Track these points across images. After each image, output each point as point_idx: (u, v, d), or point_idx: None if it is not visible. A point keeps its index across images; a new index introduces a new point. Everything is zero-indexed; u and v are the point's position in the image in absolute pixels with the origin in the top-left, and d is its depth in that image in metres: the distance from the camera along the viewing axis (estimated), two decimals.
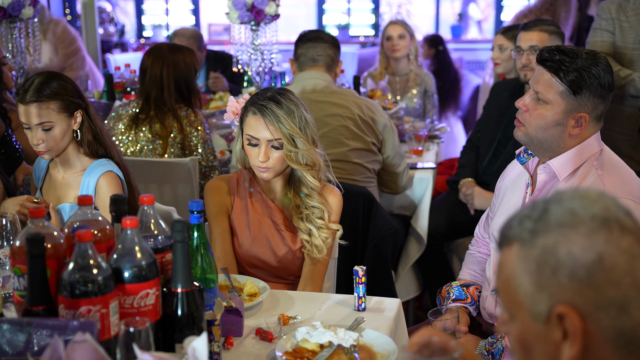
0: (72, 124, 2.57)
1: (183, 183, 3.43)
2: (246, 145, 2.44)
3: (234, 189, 2.56)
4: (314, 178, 2.46)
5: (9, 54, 4.41)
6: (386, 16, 8.44)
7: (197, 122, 3.58)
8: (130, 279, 1.69)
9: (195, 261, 1.94)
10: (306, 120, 2.43)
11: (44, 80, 2.52)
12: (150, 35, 9.15)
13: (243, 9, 4.05)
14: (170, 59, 3.56)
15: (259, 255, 2.52)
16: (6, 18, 4.36)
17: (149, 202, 1.85)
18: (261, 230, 2.52)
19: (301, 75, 3.55)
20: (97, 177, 2.58)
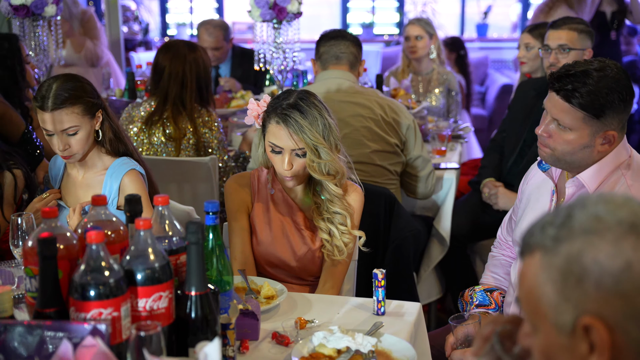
0: (95, 124, 2.53)
1: (203, 182, 3.40)
2: (269, 152, 2.41)
3: (255, 186, 2.53)
4: (336, 186, 2.42)
5: (31, 52, 4.42)
6: (410, 14, 8.37)
7: (211, 122, 3.54)
8: (143, 282, 1.66)
9: (211, 263, 1.90)
10: (329, 126, 2.38)
11: (62, 84, 2.47)
12: (174, 33, 9.16)
13: (265, 7, 4.01)
14: (191, 57, 3.52)
15: (279, 254, 2.48)
16: (29, 16, 4.36)
17: (163, 203, 1.82)
18: (282, 229, 2.49)
19: (324, 74, 3.50)
20: (120, 176, 2.55)
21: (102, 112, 2.54)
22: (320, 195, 2.46)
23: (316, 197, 2.48)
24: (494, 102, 7.41)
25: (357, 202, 2.49)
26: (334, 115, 2.43)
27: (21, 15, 4.34)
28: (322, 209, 2.46)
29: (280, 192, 2.52)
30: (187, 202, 3.30)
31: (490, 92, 7.67)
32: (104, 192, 2.54)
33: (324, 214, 2.45)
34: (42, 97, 2.46)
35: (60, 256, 1.67)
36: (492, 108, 7.45)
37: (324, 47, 3.53)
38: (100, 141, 2.57)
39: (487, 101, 7.67)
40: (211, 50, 5.24)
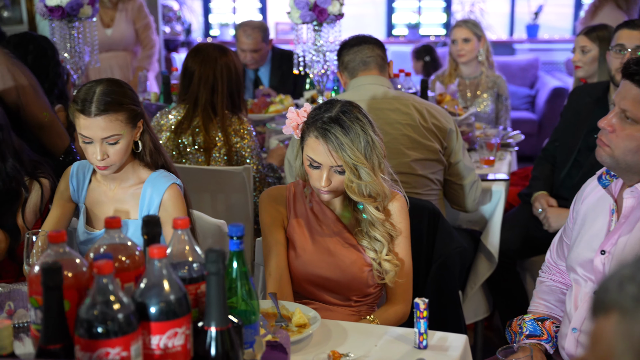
0: (135, 134, 2.33)
1: (237, 193, 3.24)
2: (306, 165, 2.24)
3: (291, 200, 2.36)
4: (377, 210, 2.24)
5: (67, 54, 4.32)
6: (458, 15, 8.13)
7: (243, 130, 3.38)
8: (157, 316, 1.49)
9: (234, 291, 1.73)
10: (373, 142, 2.20)
11: (106, 89, 2.26)
12: (217, 34, 9.06)
13: (305, 8, 3.84)
14: (222, 61, 3.37)
15: (320, 271, 2.31)
16: (64, 17, 4.27)
17: (183, 226, 1.65)
18: (324, 244, 2.32)
19: (355, 81, 3.31)
20: (162, 191, 2.34)
21: (143, 122, 2.35)
22: (362, 213, 2.28)
23: (357, 213, 2.31)
24: (544, 106, 7.14)
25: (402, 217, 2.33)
26: (379, 130, 2.25)
27: (56, 17, 4.25)
28: (363, 228, 2.29)
29: (319, 204, 2.35)
30: (220, 214, 3.15)
31: (540, 95, 7.39)
32: (142, 208, 2.36)
33: (364, 236, 2.29)
34: (83, 100, 2.25)
35: (68, 285, 1.53)
36: (542, 112, 7.17)
37: (348, 56, 3.34)
38: (138, 153, 2.38)
39: (537, 105, 7.39)
40: (250, 52, 5.10)
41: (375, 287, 2.34)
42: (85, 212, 2.45)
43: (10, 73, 2.94)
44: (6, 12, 7.70)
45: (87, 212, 2.45)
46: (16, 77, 2.95)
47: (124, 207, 2.40)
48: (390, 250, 2.29)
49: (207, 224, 2.69)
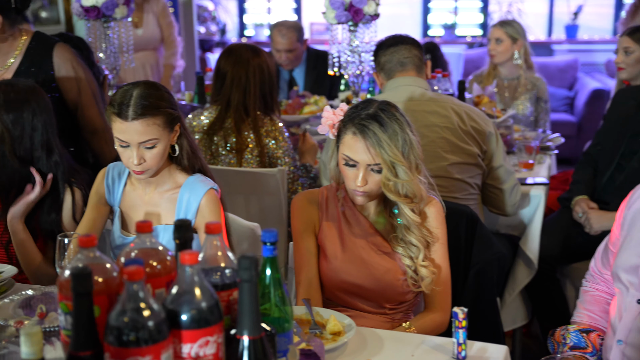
0: (172, 138, 2.29)
1: (270, 195, 3.20)
2: (342, 165, 2.18)
3: (323, 205, 2.31)
4: (413, 212, 2.18)
5: (102, 54, 4.32)
6: (495, 15, 8.02)
7: (275, 131, 3.33)
8: (188, 324, 1.45)
9: (267, 298, 1.68)
10: (411, 143, 2.15)
11: (143, 92, 2.22)
12: (252, 34, 9.06)
13: (340, 8, 3.78)
14: (254, 62, 3.33)
15: (353, 278, 2.25)
16: (100, 18, 4.27)
17: (215, 231, 1.61)
18: (356, 251, 2.26)
19: (392, 83, 3.24)
20: (200, 196, 2.29)
21: (180, 125, 2.30)
22: (397, 218, 2.22)
23: (392, 219, 2.25)
24: (583, 108, 7.01)
25: (439, 222, 2.28)
26: (416, 132, 2.19)
27: (92, 17, 4.25)
28: (398, 234, 2.23)
29: (351, 209, 2.29)
30: (253, 216, 3.12)
31: (579, 97, 7.25)
32: (179, 213, 2.32)
33: (399, 241, 2.23)
34: (120, 104, 2.20)
35: (98, 291, 1.49)
36: (582, 114, 7.04)
37: (384, 56, 3.28)
38: (175, 157, 2.34)
39: (576, 107, 7.26)
40: (284, 52, 5.06)
41: (410, 295, 2.28)
42: (120, 216, 2.42)
43: (75, 71, 2.94)
44: (44, 13, 7.77)
45: (122, 215, 2.42)
46: (79, 75, 2.95)
47: (159, 211, 2.36)
48: (427, 257, 2.23)
49: (241, 227, 2.65)
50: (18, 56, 2.92)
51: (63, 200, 2.58)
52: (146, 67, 5.74)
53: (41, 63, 2.92)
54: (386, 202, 2.27)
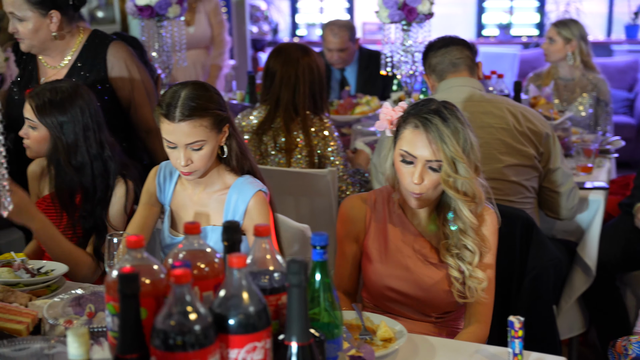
0: (220, 140, 2.26)
1: (321, 196, 3.15)
2: (398, 162, 2.12)
3: (371, 211, 2.26)
4: (472, 213, 2.11)
5: (155, 53, 4.34)
6: (552, 15, 7.84)
7: (326, 130, 3.29)
8: (235, 329, 1.42)
9: (317, 302, 1.63)
10: (472, 143, 2.09)
11: (191, 93, 2.20)
12: (304, 34, 9.04)
13: (394, 7, 3.72)
14: (304, 61, 3.29)
15: (397, 286, 2.20)
16: (153, 17, 4.29)
17: (264, 233, 1.57)
18: (400, 259, 2.21)
19: (445, 84, 3.17)
20: (248, 198, 2.27)
21: (229, 126, 2.28)
22: (450, 224, 2.15)
23: (445, 227, 2.18)
24: None
25: (492, 231, 2.19)
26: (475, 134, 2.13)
27: (145, 16, 4.27)
28: (451, 242, 2.16)
29: (400, 216, 2.23)
30: (303, 217, 3.08)
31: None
32: (227, 214, 2.30)
33: (452, 249, 2.15)
34: (168, 105, 2.19)
35: (145, 293, 1.47)
36: None
37: (435, 58, 3.21)
38: (224, 158, 2.31)
39: (636, 109, 7.05)
40: (336, 51, 5.02)
41: (456, 305, 2.22)
42: (170, 215, 2.41)
43: (128, 69, 2.94)
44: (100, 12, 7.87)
45: (172, 215, 2.41)
46: (132, 74, 2.95)
47: (207, 212, 2.34)
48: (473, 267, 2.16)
49: (291, 228, 2.61)
50: (74, 54, 2.94)
51: (112, 194, 2.58)
52: (197, 66, 5.76)
53: (95, 61, 2.93)
54: (439, 208, 2.21)
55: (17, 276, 2.17)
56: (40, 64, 2.98)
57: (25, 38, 2.83)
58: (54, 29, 2.84)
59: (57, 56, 2.93)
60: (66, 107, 2.54)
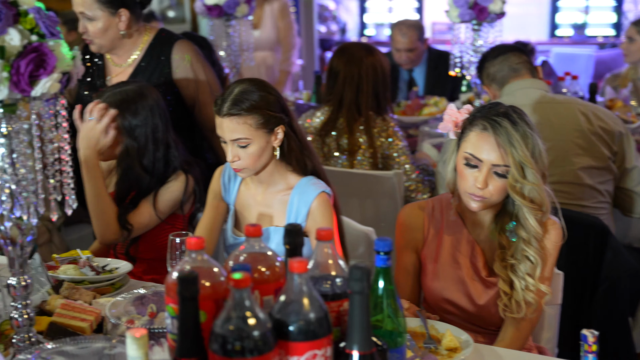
0: (272, 140, 2.24)
1: (386, 198, 3.10)
2: (461, 165, 2.05)
3: (429, 219, 2.19)
4: (537, 222, 2.03)
5: (222, 53, 4.36)
6: (630, 14, 7.60)
7: (388, 131, 3.23)
8: (295, 336, 1.38)
9: (380, 309, 1.59)
10: (540, 149, 2.01)
11: (244, 90, 2.20)
12: (372, 33, 9.00)
13: (464, 7, 3.65)
14: (368, 61, 3.25)
15: (453, 299, 2.13)
16: (222, 16, 4.31)
17: (326, 237, 1.53)
18: (456, 272, 2.14)
19: (508, 88, 3.10)
20: (310, 199, 2.24)
21: (284, 127, 2.24)
22: (510, 235, 2.07)
23: (503, 237, 2.09)
24: None
25: (554, 245, 2.09)
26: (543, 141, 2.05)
27: (214, 15, 4.30)
28: (507, 252, 2.07)
29: (459, 226, 2.16)
30: (368, 220, 3.03)
31: None
32: (289, 216, 2.27)
33: (508, 259, 2.06)
34: (222, 100, 2.21)
35: (205, 295, 1.44)
36: None
37: (493, 67, 3.14)
38: (286, 158, 2.29)
39: None
40: (405, 51, 4.96)
41: None
42: (234, 215, 2.40)
43: (193, 69, 2.95)
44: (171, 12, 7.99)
45: (236, 215, 2.40)
46: (197, 74, 2.96)
47: (270, 212, 2.33)
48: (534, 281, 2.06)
49: (356, 231, 2.57)
50: (140, 52, 2.95)
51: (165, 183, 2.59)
52: (261, 68, 5.77)
53: (160, 60, 2.94)
54: (498, 217, 2.13)
55: (82, 273, 2.19)
56: (107, 62, 3.00)
57: (95, 37, 2.86)
58: (123, 27, 2.86)
59: (124, 55, 2.95)
60: (138, 110, 2.56)
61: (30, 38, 1.58)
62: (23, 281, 1.68)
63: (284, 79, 5.69)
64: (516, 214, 2.06)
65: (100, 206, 2.52)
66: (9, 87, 1.55)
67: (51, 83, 1.59)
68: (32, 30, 1.59)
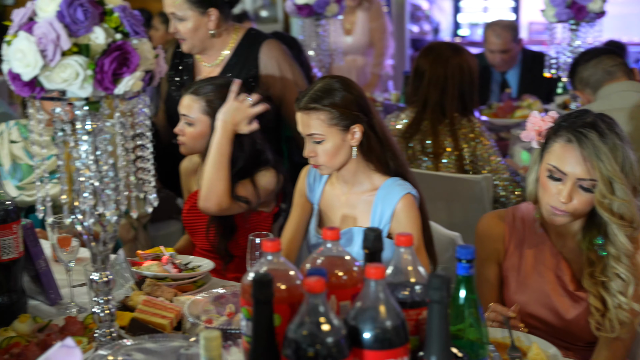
0: (349, 139, 2.22)
1: (474, 203, 3.01)
2: (544, 177, 1.96)
3: (510, 229, 2.10)
4: (627, 239, 1.91)
5: (312, 52, 4.35)
6: None
7: (475, 131, 3.13)
8: (370, 344, 1.34)
9: (461, 318, 1.52)
10: (631, 162, 1.89)
11: (324, 86, 2.21)
12: (466, 34, 8.83)
13: (561, 6, 3.52)
14: (454, 61, 3.16)
15: (537, 314, 2.04)
16: (311, 15, 4.30)
17: (406, 243, 1.48)
18: (540, 285, 2.04)
19: (603, 91, 2.97)
20: (395, 201, 2.20)
21: (362, 127, 2.21)
22: (599, 250, 1.96)
23: (591, 251, 1.98)
24: None
25: None
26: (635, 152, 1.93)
27: (304, 15, 4.29)
28: (596, 267, 1.96)
29: (542, 238, 2.06)
30: (455, 224, 2.95)
31: None
32: (373, 217, 2.24)
33: (598, 275, 1.95)
34: (303, 94, 2.23)
35: (280, 299, 1.42)
36: None
37: (587, 71, 3.02)
38: (371, 158, 2.26)
39: None
40: (499, 53, 4.83)
41: None
42: (318, 215, 2.38)
43: (280, 68, 2.97)
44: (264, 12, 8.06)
45: (320, 214, 2.38)
46: (284, 73, 2.98)
47: (354, 213, 2.30)
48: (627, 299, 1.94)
49: (442, 235, 2.50)
50: (229, 51, 2.97)
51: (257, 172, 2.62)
52: (351, 70, 5.74)
53: (248, 59, 2.95)
54: (585, 230, 2.02)
55: (166, 270, 2.20)
56: (197, 61, 3.04)
57: (186, 38, 2.90)
58: (212, 27, 2.88)
59: (213, 54, 2.98)
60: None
61: (114, 36, 1.59)
62: (105, 277, 1.70)
63: (374, 82, 5.64)
64: (604, 229, 1.95)
65: (220, 173, 2.52)
66: (93, 84, 1.56)
67: (134, 81, 1.60)
68: (116, 28, 1.61)
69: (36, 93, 1.58)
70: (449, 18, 8.97)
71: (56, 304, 2.10)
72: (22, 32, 1.57)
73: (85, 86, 1.56)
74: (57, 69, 1.55)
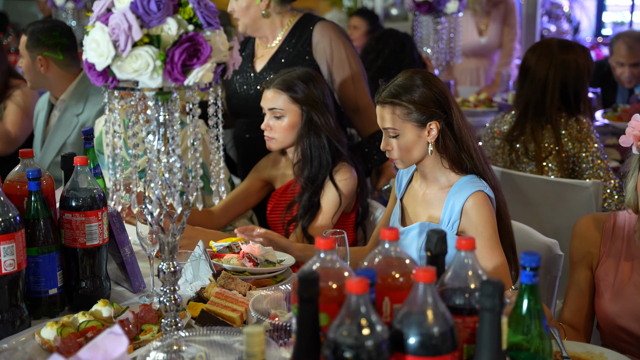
0: (425, 135, 2.18)
1: (582, 210, 2.83)
2: None
3: (607, 235, 1.96)
4: None
5: (429, 50, 4.28)
6: None
7: (583, 132, 2.94)
8: (414, 350, 1.27)
9: (526, 329, 1.43)
10: None
11: (404, 81, 2.18)
12: (609, 33, 8.40)
13: None
14: (559, 58, 2.99)
15: (630, 328, 1.89)
16: (430, 12, 4.23)
17: (467, 247, 1.40)
18: (636, 299, 1.89)
19: None
20: (465, 196, 2.14)
21: (438, 124, 2.17)
22: None
23: None
24: None
25: None
26: None
27: (423, 12, 4.23)
28: None
29: None
30: (559, 231, 2.80)
31: None
32: (444, 213, 2.19)
33: None
34: (384, 87, 2.23)
35: (330, 298, 1.38)
36: None
37: None
38: (448, 155, 2.21)
39: None
40: (629, 67, 4.45)
41: None
42: (400, 208, 2.36)
43: (330, 45, 2.97)
44: (394, 10, 8.01)
45: (402, 208, 2.36)
46: (334, 50, 2.98)
47: (429, 210, 2.27)
48: None
49: (537, 242, 2.37)
50: (284, 33, 3.02)
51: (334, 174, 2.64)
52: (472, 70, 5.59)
53: (301, 39, 2.99)
54: None
55: (244, 264, 2.20)
56: (256, 45, 3.12)
57: (240, 16, 2.98)
58: (263, 7, 2.95)
59: (269, 36, 3.04)
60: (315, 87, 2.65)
61: (187, 28, 1.60)
62: (172, 267, 1.71)
63: (499, 81, 5.48)
64: None
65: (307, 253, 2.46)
66: (162, 75, 1.58)
67: (204, 73, 1.60)
68: (190, 20, 1.61)
69: (109, 83, 1.61)
70: (591, 16, 8.56)
71: (139, 291, 2.15)
72: (98, 22, 1.60)
73: (155, 77, 1.58)
74: (129, 59, 1.57)
